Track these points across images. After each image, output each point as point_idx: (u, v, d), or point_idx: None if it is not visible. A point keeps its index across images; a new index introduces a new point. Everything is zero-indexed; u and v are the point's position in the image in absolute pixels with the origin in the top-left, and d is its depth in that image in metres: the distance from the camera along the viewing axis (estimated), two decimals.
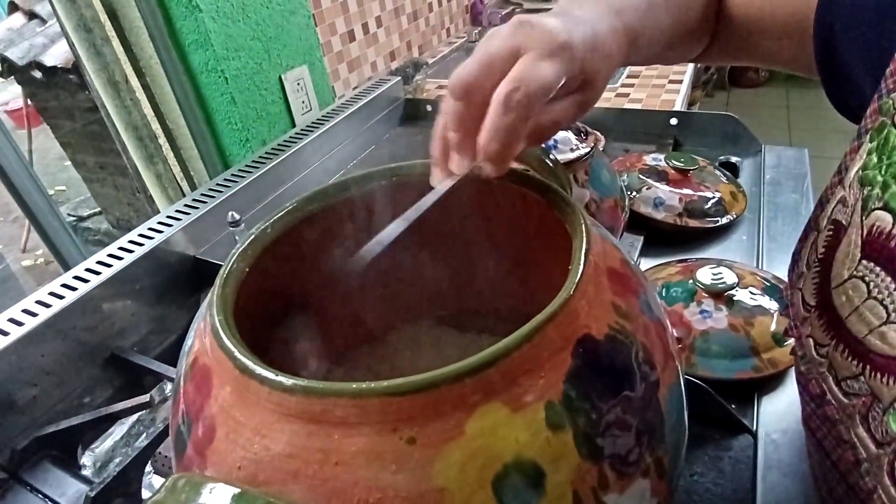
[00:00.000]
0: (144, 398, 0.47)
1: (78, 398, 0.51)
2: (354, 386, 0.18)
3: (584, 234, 0.23)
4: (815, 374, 0.31)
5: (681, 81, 1.08)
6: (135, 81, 0.86)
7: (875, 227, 0.25)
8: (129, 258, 0.57)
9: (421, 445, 0.17)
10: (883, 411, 0.25)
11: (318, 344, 0.35)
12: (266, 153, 0.79)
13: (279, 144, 0.82)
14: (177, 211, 0.65)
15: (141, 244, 0.59)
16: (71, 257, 0.79)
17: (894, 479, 0.25)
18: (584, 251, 0.22)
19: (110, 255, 0.57)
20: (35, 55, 1.67)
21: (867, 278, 0.25)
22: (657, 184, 0.64)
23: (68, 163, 2.09)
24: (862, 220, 0.26)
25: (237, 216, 0.60)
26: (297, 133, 0.85)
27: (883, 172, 0.24)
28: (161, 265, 0.60)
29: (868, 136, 0.27)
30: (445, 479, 0.17)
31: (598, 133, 0.61)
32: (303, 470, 0.18)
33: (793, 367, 0.44)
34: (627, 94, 1.05)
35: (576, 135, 0.53)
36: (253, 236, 0.27)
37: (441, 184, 0.28)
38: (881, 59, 0.27)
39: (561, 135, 0.52)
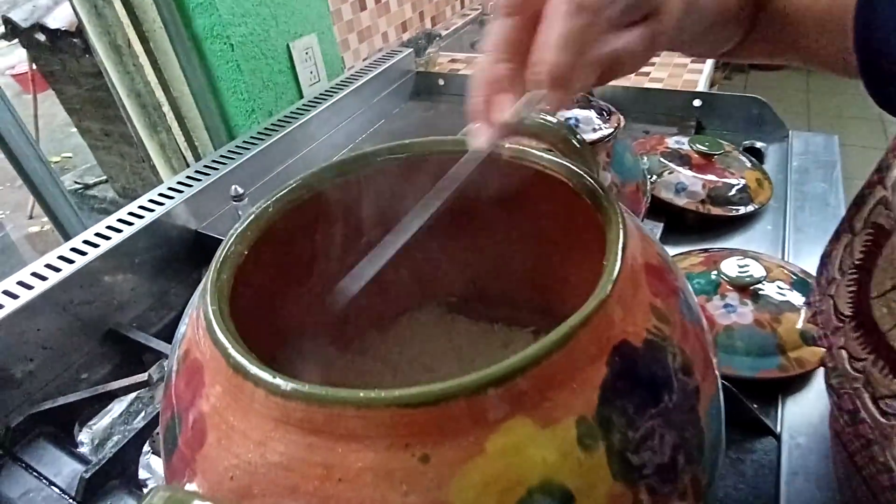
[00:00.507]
0: (143, 377, 0.46)
1: (75, 374, 0.49)
2: (362, 394, 0.15)
3: (621, 226, 0.20)
4: (849, 388, 0.28)
5: (703, 61, 1.03)
6: (138, 46, 0.83)
7: None
8: (128, 230, 0.55)
9: (436, 464, 0.15)
10: None
11: (322, 329, 0.33)
12: (272, 125, 0.77)
13: (286, 116, 0.79)
14: (178, 182, 0.63)
15: (141, 216, 0.57)
16: (72, 227, 0.77)
17: None
18: (620, 245, 0.19)
19: (109, 227, 0.55)
20: (39, 17, 1.63)
21: None
22: (679, 168, 0.61)
23: (73, 129, 2.06)
24: None
25: (240, 190, 0.57)
26: (304, 104, 0.82)
27: None
28: (162, 239, 0.58)
29: None
30: (462, 503, 0.15)
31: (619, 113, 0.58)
32: (302, 485, 0.16)
33: (820, 368, 0.42)
34: (648, 73, 1.01)
35: (598, 114, 0.50)
36: (252, 216, 0.25)
37: (483, 141, 0.24)
38: None
39: (582, 113, 0.49)
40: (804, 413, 0.40)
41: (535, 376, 0.16)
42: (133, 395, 0.50)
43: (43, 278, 0.49)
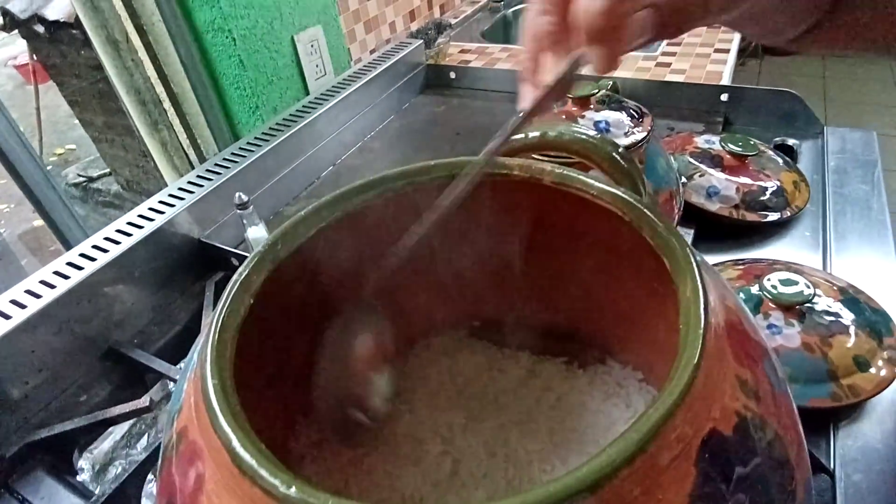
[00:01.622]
0: (144, 402, 0.43)
1: (73, 396, 0.47)
2: None
3: (699, 281, 0.17)
4: None
5: (727, 51, 0.98)
6: (136, 40, 0.80)
7: None
8: (127, 242, 0.52)
9: None
10: None
11: (338, 369, 0.30)
12: (277, 124, 0.73)
13: (291, 115, 0.75)
14: (180, 189, 0.60)
15: (141, 226, 0.54)
16: (68, 229, 0.74)
17: None
18: (702, 308, 0.16)
19: (107, 239, 0.52)
20: (37, 8, 1.60)
21: None
22: (711, 170, 0.57)
23: (76, 121, 2.03)
24: None
25: (244, 197, 0.54)
26: (310, 102, 0.78)
27: None
28: (163, 249, 0.55)
29: None
30: None
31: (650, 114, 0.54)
32: None
33: (875, 397, 0.38)
34: (669, 64, 0.96)
35: (629, 116, 0.46)
36: (256, 258, 0.21)
37: (526, 102, 0.22)
38: None
39: (613, 116, 0.46)
40: (858, 447, 0.37)
41: (612, 492, 0.13)
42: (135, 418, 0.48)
43: (37, 296, 0.46)
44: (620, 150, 0.26)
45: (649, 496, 0.13)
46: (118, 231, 0.53)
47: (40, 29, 1.59)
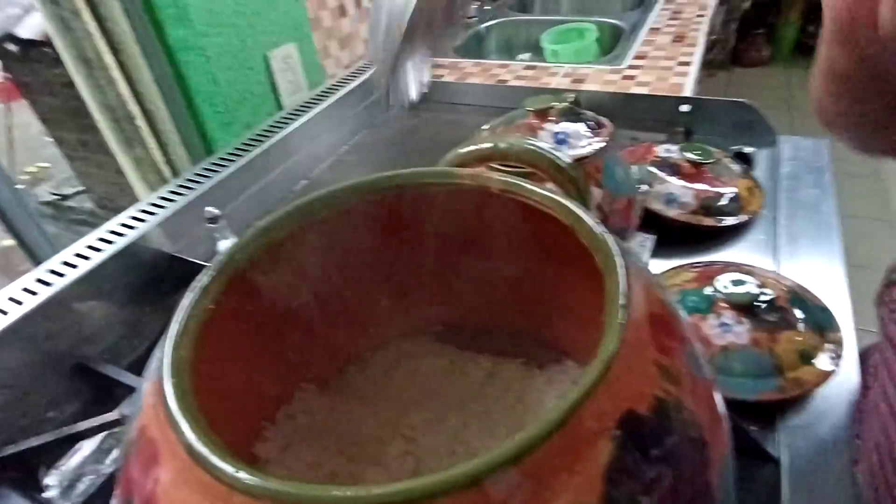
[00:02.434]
0: (113, 415, 0.43)
1: (41, 413, 0.47)
2: (335, 492, 0.13)
3: (622, 274, 0.18)
4: None
5: (689, 63, 1.02)
6: (109, 59, 0.80)
7: None
8: (97, 257, 0.52)
9: None
10: None
11: (299, 366, 0.31)
12: (250, 139, 0.74)
13: (264, 129, 0.77)
14: (151, 204, 0.60)
15: (111, 241, 0.54)
16: (40, 248, 0.74)
17: None
18: (622, 302, 0.17)
19: (77, 255, 0.52)
20: (9, 27, 1.59)
21: None
22: (670, 178, 0.60)
23: (50, 139, 2.01)
24: None
25: (216, 212, 0.55)
26: (284, 117, 0.80)
27: None
28: (134, 264, 0.55)
29: None
30: None
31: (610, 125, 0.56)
32: None
33: (817, 388, 0.40)
34: (634, 77, 1.00)
35: (587, 127, 0.48)
36: (217, 266, 0.23)
37: None
38: None
39: (571, 127, 0.48)
40: (803, 436, 0.39)
41: (533, 464, 0.14)
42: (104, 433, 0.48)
43: (4, 312, 0.46)
44: (565, 159, 0.28)
45: (568, 468, 0.14)
46: (88, 247, 0.53)
47: (12, 48, 1.58)
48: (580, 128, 0.48)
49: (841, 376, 0.41)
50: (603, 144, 0.46)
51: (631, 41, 1.14)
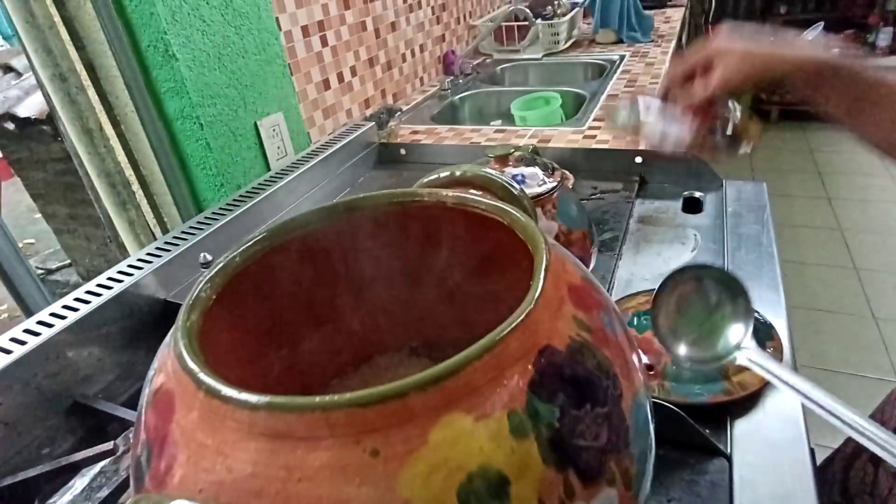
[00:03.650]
0: (108, 445, 0.45)
1: (36, 449, 0.48)
2: (318, 399, 0.18)
3: (545, 252, 0.23)
4: None
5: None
6: (109, 129, 0.87)
7: None
8: (96, 302, 0.56)
9: (384, 457, 0.17)
10: None
11: (287, 378, 0.34)
12: (240, 196, 0.80)
13: (254, 188, 0.82)
14: (148, 254, 0.64)
15: (110, 287, 0.58)
16: (38, 307, 0.76)
17: None
18: (544, 266, 0.22)
19: (77, 300, 0.56)
20: (9, 107, 1.67)
21: None
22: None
23: (37, 216, 2.06)
24: None
25: (209, 257, 0.59)
26: (272, 176, 0.86)
27: None
28: (130, 309, 0.59)
29: None
30: (410, 490, 0.17)
31: (567, 171, 0.63)
32: (266, 488, 0.17)
33: (763, 390, 0.44)
34: (594, 136, 1.09)
35: (543, 170, 0.55)
36: (220, 264, 0.27)
37: None
38: None
39: (528, 170, 0.54)
40: (751, 433, 0.42)
41: (469, 375, 0.18)
42: (97, 468, 0.49)
43: (7, 352, 0.49)
44: (512, 183, 0.33)
45: (497, 382, 0.19)
46: (88, 292, 0.57)
47: (10, 126, 1.66)
48: (536, 171, 0.54)
49: None
50: (556, 184, 0.53)
51: (591, 106, 1.25)
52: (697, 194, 0.80)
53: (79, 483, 0.49)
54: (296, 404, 0.18)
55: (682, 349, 0.45)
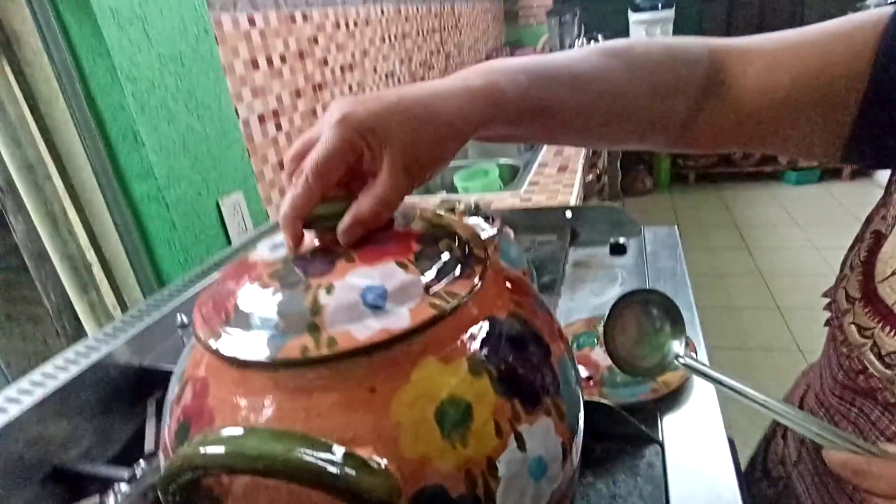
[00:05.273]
0: (94, 499, 0.47)
1: None
2: (328, 352, 0.24)
3: (488, 258, 0.31)
4: (857, 353, 0.38)
5: (573, 185, 1.27)
6: (73, 215, 0.91)
7: None
8: (63, 376, 0.58)
9: (380, 392, 0.23)
10: None
11: None
12: (202, 271, 0.85)
13: (215, 262, 0.87)
14: (121, 322, 0.68)
15: (86, 355, 0.61)
16: None
17: None
18: (488, 259, 0.30)
19: (45, 374, 0.58)
20: None
21: None
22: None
23: None
24: None
25: (186, 320, 0.63)
26: (233, 252, 0.91)
27: None
28: (105, 378, 0.61)
29: None
30: (399, 415, 0.23)
31: (508, 226, 0.73)
32: (290, 426, 0.23)
33: (682, 385, 0.52)
34: (530, 199, 1.22)
35: (484, 219, 0.64)
36: None
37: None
38: None
39: (472, 220, 0.63)
40: (679, 423, 0.50)
41: (438, 332, 0.25)
42: None
43: None
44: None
45: (457, 338, 0.26)
46: (56, 367, 0.59)
47: None
48: (479, 220, 0.63)
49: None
50: (496, 231, 0.62)
51: (526, 174, 1.39)
52: (622, 240, 0.91)
53: None
54: (310, 359, 0.24)
55: (630, 360, 0.52)
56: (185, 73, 0.91)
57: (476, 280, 0.28)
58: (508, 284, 0.31)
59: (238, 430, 0.21)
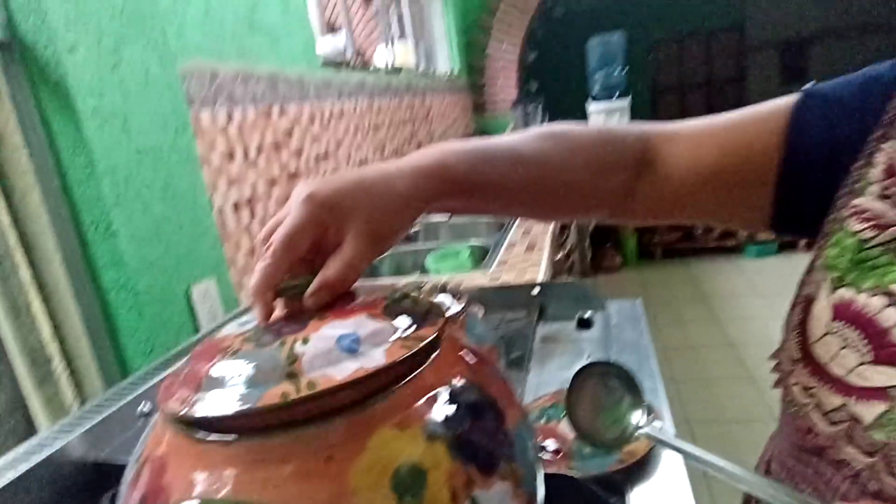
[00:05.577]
0: None
1: None
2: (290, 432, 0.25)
3: (446, 332, 0.33)
4: (802, 413, 0.40)
5: (540, 263, 1.31)
6: (37, 305, 0.90)
7: (842, 298, 0.36)
8: (13, 473, 0.55)
9: (336, 461, 0.24)
10: (864, 429, 0.35)
11: None
12: (165, 360, 0.83)
13: (180, 351, 0.86)
14: (79, 418, 0.65)
15: (37, 452, 0.58)
16: None
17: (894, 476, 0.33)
18: (445, 331, 0.32)
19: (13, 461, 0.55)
20: None
21: (840, 334, 0.36)
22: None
23: None
24: (829, 294, 0.37)
25: (147, 410, 0.62)
26: (200, 337, 0.91)
27: (842, 261, 0.37)
28: (57, 475, 0.59)
29: (827, 240, 0.38)
30: (356, 482, 0.24)
31: (478, 304, 0.75)
32: (247, 498, 0.23)
33: (648, 454, 0.53)
34: (499, 278, 1.25)
35: (452, 297, 0.66)
36: None
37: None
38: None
39: (440, 298, 0.65)
40: (647, 494, 0.50)
41: (394, 399, 0.26)
42: None
43: None
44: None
45: (413, 404, 0.27)
46: (4, 464, 0.57)
47: None
48: (447, 298, 0.65)
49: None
50: (462, 307, 0.64)
51: (495, 254, 1.44)
52: (587, 314, 0.94)
53: None
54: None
55: (592, 432, 0.53)
56: (161, 165, 0.94)
57: (438, 327, 0.29)
58: (465, 354, 0.33)
59: (195, 503, 0.21)
